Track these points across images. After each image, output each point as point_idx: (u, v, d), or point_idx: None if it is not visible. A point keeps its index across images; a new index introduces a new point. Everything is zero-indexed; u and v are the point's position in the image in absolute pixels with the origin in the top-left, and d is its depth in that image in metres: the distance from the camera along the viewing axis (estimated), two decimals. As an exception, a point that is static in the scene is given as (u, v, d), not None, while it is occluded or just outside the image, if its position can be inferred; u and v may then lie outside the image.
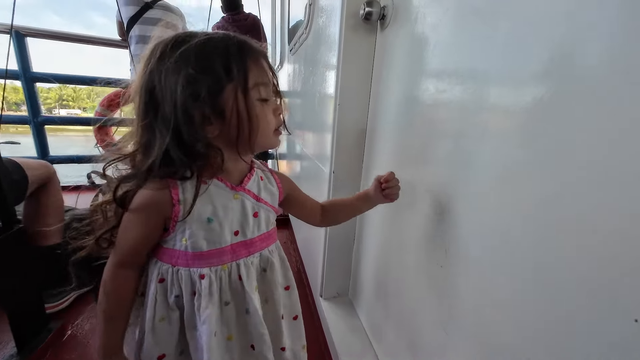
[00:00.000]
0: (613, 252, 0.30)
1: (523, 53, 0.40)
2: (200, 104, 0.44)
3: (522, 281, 0.40)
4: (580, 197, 0.33)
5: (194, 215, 0.48)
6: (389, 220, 0.81)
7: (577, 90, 0.33)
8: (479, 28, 0.48)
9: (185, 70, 0.43)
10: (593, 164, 0.31)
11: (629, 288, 0.28)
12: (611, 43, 0.30)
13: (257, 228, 0.55)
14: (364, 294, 1.00)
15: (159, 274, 0.51)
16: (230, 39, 0.46)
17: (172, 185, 0.47)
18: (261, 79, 0.47)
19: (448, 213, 0.56)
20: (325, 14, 1.05)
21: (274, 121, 0.51)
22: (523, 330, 0.40)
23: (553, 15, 0.36)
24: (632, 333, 0.28)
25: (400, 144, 0.74)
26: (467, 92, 0.51)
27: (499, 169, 0.44)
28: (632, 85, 0.28)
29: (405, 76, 0.71)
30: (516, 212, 0.41)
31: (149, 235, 0.50)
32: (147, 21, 1.87)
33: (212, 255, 0.51)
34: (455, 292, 0.53)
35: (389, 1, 0.76)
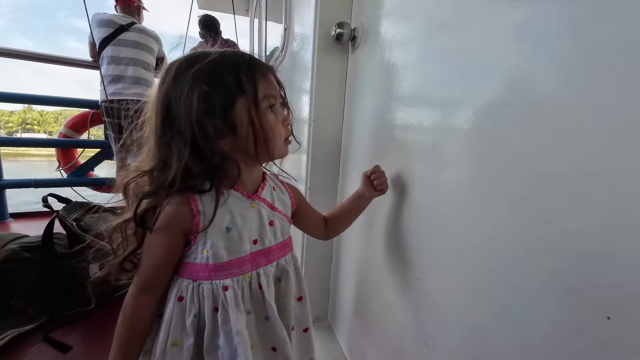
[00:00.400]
0: (581, 252, 0.30)
1: (481, 76, 0.43)
2: (214, 118, 0.46)
3: (496, 288, 0.39)
4: (543, 204, 0.33)
5: (214, 225, 0.49)
6: (365, 237, 0.80)
7: (530, 112, 0.35)
8: (441, 50, 0.51)
9: (200, 87, 0.45)
10: (550, 175, 0.33)
11: (601, 286, 0.28)
12: (565, 72, 0.32)
13: (274, 236, 0.56)
14: (343, 316, 0.95)
15: (178, 292, 0.50)
16: (240, 55, 0.49)
17: (191, 198, 0.48)
18: (270, 91, 0.49)
19: (421, 227, 0.56)
20: (300, 37, 1.09)
21: (284, 131, 0.53)
22: (504, 336, 0.38)
23: (508, 41, 0.39)
24: (605, 330, 0.27)
25: (374, 159, 0.75)
26: (432, 111, 0.53)
27: (467, 184, 0.45)
28: (577, 107, 0.30)
29: (376, 94, 0.73)
30: (485, 224, 0.41)
31: (173, 252, 0.50)
32: (121, 43, 1.85)
33: (233, 265, 0.51)
34: (433, 304, 0.52)
35: (359, 23, 0.80)
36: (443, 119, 0.51)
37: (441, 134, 0.51)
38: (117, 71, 1.83)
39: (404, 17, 0.63)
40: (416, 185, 0.58)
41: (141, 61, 1.88)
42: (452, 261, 0.47)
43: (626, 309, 0.26)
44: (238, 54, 0.50)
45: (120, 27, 1.86)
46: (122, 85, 1.82)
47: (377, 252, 0.73)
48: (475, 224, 0.43)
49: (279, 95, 0.52)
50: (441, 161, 0.51)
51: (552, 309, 0.32)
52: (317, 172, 0.93)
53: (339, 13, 0.84)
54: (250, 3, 3.19)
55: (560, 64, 0.32)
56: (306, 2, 0.97)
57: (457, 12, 0.48)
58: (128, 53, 1.84)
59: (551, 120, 0.33)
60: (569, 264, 0.31)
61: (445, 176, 0.50)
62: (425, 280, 0.54)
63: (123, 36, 1.85)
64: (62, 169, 2.35)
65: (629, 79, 0.27)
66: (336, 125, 0.91)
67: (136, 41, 1.87)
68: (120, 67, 1.83)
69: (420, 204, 0.57)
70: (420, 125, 0.57)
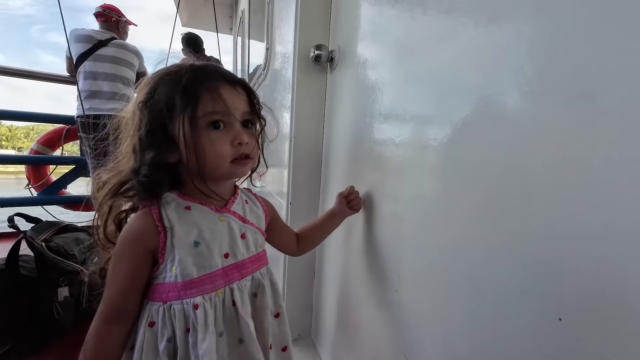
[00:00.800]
0: (536, 258, 0.33)
1: (448, 94, 0.46)
2: (155, 131, 0.47)
3: (463, 297, 0.41)
4: (502, 216, 0.36)
5: (181, 240, 0.47)
6: (346, 251, 0.81)
7: (491, 129, 0.39)
8: (409, 72, 0.55)
9: (141, 98, 0.47)
10: (508, 188, 0.36)
11: (553, 288, 0.31)
12: (522, 91, 0.36)
13: (247, 249, 0.55)
14: (326, 332, 0.94)
15: (149, 317, 0.48)
16: (191, 70, 0.48)
17: (154, 214, 0.47)
18: (213, 107, 0.47)
19: (398, 240, 0.58)
20: (281, 57, 1.13)
21: (230, 151, 0.48)
22: (472, 343, 0.40)
23: (468, 65, 0.43)
24: (557, 331, 0.30)
25: (352, 174, 0.77)
26: (402, 129, 0.57)
27: (434, 197, 0.48)
28: (541, 124, 0.34)
29: (353, 113, 0.77)
30: (453, 236, 0.44)
31: (139, 275, 0.48)
32: (99, 58, 1.83)
33: (204, 281, 0.49)
34: (410, 314, 0.53)
35: (336, 46, 0.85)
36: (412, 136, 0.54)
37: (412, 150, 0.54)
38: (94, 86, 1.80)
39: (376, 41, 0.68)
40: (390, 199, 0.60)
41: (119, 76, 1.86)
42: (424, 272, 0.49)
43: (576, 310, 0.29)
44: (190, 67, 0.48)
45: (99, 42, 1.85)
46: (99, 101, 1.79)
47: (357, 265, 0.74)
48: (444, 236, 0.45)
49: (233, 111, 0.48)
50: (411, 176, 0.54)
51: (511, 314, 0.35)
52: (298, 187, 0.94)
53: (317, 36, 0.88)
54: (234, 22, 3.26)
55: (517, 84, 0.36)
56: (287, 24, 1.01)
57: (422, 37, 0.52)
58: (105, 68, 1.82)
59: (507, 136, 0.36)
60: (525, 271, 0.33)
61: (415, 190, 0.53)
62: (402, 292, 0.55)
63: (101, 51, 1.84)
64: (31, 187, 2.24)
65: (578, 99, 0.30)
66: (316, 142, 0.94)
67: (114, 56, 1.86)
68: (97, 83, 1.81)
69: (394, 217, 0.59)
70: (392, 142, 0.60)
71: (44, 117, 2.28)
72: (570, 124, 0.30)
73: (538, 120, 0.33)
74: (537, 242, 0.32)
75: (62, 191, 2.37)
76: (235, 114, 0.48)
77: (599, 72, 0.28)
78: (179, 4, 2.21)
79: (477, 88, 0.40)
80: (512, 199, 0.35)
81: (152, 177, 0.47)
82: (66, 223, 1.44)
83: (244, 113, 0.50)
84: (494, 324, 0.37)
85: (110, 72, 1.83)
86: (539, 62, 0.33)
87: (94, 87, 1.80)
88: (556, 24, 0.31)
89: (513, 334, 0.35)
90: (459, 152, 0.43)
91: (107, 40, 1.87)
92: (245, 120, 0.51)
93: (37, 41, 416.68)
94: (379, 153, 0.65)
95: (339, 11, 0.85)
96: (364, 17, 0.73)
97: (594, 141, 0.28)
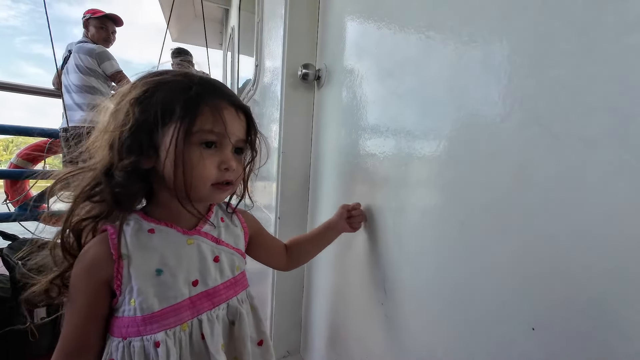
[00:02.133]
0: (514, 270, 0.34)
1: (429, 108, 0.49)
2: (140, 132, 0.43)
3: (445, 308, 0.43)
4: (483, 229, 0.38)
5: (139, 269, 0.43)
6: (335, 265, 0.81)
7: (472, 141, 0.41)
8: (394, 87, 0.58)
9: (135, 95, 0.43)
10: (489, 200, 0.38)
11: (527, 299, 0.33)
12: (501, 100, 0.39)
13: (220, 274, 0.50)
14: (315, 348, 0.93)
15: (108, 354, 0.43)
16: (198, 79, 0.46)
17: (111, 240, 0.44)
18: (212, 126, 0.44)
19: (384, 253, 0.59)
20: (270, 72, 1.15)
21: (214, 174, 0.45)
22: (456, 356, 0.41)
23: (441, 85, 0.46)
24: (531, 339, 0.31)
25: (340, 189, 0.79)
26: (386, 144, 0.59)
27: (420, 210, 0.50)
28: (521, 134, 0.36)
29: (339, 129, 0.79)
30: (437, 248, 0.46)
31: (97, 307, 0.44)
32: (67, 69, 1.80)
33: (167, 315, 0.44)
34: (396, 328, 0.54)
35: (323, 65, 0.88)
36: (396, 150, 0.56)
37: (396, 164, 0.56)
38: (67, 99, 1.78)
39: (360, 61, 0.71)
40: (377, 212, 0.62)
41: (84, 86, 1.78)
42: (408, 284, 0.51)
43: (548, 320, 0.31)
44: (200, 80, 0.46)
45: (69, 53, 1.83)
46: (72, 113, 1.76)
47: (347, 280, 0.75)
48: (424, 250, 0.47)
49: (230, 135, 0.46)
50: (396, 190, 0.55)
51: (492, 324, 0.36)
52: (287, 201, 0.95)
53: (304, 55, 0.91)
54: (224, 37, 3.31)
55: (490, 97, 0.39)
56: (275, 43, 1.04)
57: (402, 57, 0.55)
58: (70, 79, 1.79)
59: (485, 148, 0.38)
60: (504, 281, 0.35)
61: (400, 203, 0.54)
62: (388, 305, 0.56)
63: (69, 62, 1.81)
64: (9, 202, 2.15)
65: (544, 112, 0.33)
66: (304, 157, 0.95)
67: (75, 64, 1.79)
68: (68, 95, 1.78)
69: (382, 229, 0.60)
70: (377, 157, 0.62)
71: (26, 130, 2.22)
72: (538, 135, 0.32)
73: (512, 131, 0.35)
74: (519, 254, 0.34)
75: (42, 206, 2.28)
76: (230, 138, 0.46)
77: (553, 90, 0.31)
78: (169, 19, 2.23)
79: (454, 102, 0.43)
80: (494, 210, 0.37)
81: (126, 186, 0.43)
82: (46, 240, 1.39)
83: (239, 140, 0.48)
84: (472, 339, 0.38)
85: (73, 83, 1.78)
86: (509, 76, 0.36)
87: (67, 100, 1.78)
88: (521, 43, 0.34)
89: (497, 344, 0.36)
90: (433, 173, 0.46)
91: (72, 49, 1.83)
92: (238, 147, 0.49)
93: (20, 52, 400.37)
94: (365, 167, 0.67)
95: (326, 32, 0.89)
96: (349, 38, 0.76)
97: (547, 168, 0.30)
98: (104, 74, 1.84)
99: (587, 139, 0.28)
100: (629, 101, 0.25)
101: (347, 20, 0.77)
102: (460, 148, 0.41)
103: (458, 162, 0.42)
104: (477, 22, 0.40)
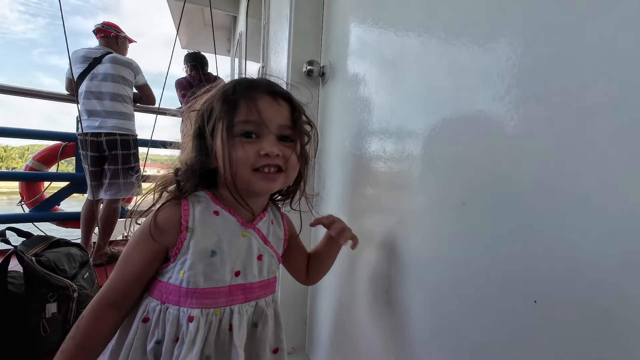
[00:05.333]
0: (512, 247, 0.35)
1: (430, 94, 0.50)
2: (197, 136, 0.49)
3: (445, 288, 0.43)
4: (479, 210, 0.39)
5: (198, 245, 0.46)
6: (340, 260, 0.81)
7: (472, 136, 0.42)
8: (395, 81, 0.59)
9: (197, 106, 0.51)
10: (485, 185, 0.38)
11: (528, 273, 0.33)
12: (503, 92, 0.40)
13: (259, 272, 0.52)
14: (321, 345, 0.93)
15: (144, 312, 0.47)
16: (237, 81, 0.49)
17: (183, 211, 0.47)
18: (247, 116, 0.46)
19: (388, 241, 0.59)
20: (275, 73, 1.18)
21: (252, 157, 0.45)
22: (458, 336, 0.41)
23: (442, 75, 0.47)
24: (533, 312, 0.31)
25: (345, 182, 0.80)
26: (391, 136, 0.60)
27: (430, 202, 0.50)
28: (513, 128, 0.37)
29: (343, 124, 0.80)
30: (439, 234, 0.46)
31: (150, 266, 0.47)
32: (95, 77, 1.85)
33: (207, 294, 0.46)
34: (400, 315, 0.54)
35: (327, 62, 0.90)
36: (399, 144, 0.57)
37: (399, 157, 0.56)
38: (92, 106, 1.83)
39: (363, 57, 0.73)
40: (380, 201, 0.62)
41: (114, 94, 1.86)
42: (411, 270, 0.51)
43: (549, 291, 0.31)
44: (239, 80, 0.50)
45: (94, 60, 1.88)
46: (97, 119, 1.82)
47: (350, 270, 0.75)
48: (431, 234, 0.47)
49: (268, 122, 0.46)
50: (401, 182, 0.56)
51: (493, 302, 0.36)
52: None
53: (309, 52, 0.94)
54: (232, 44, 3.39)
55: (490, 89, 0.39)
56: (281, 44, 1.07)
57: (401, 52, 0.56)
58: (101, 87, 1.85)
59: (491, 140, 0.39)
60: (506, 257, 0.35)
61: (405, 196, 0.55)
62: (392, 292, 0.56)
63: (97, 69, 1.86)
64: (24, 204, 2.22)
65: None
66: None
67: (108, 73, 1.86)
68: (95, 102, 1.83)
69: (385, 218, 0.61)
70: (381, 150, 0.63)
71: (41, 134, 2.30)
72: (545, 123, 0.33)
73: (510, 107, 0.36)
74: (520, 228, 0.35)
75: (55, 208, 2.34)
76: (269, 125, 0.46)
77: (551, 76, 0.31)
78: (178, 28, 2.31)
79: (453, 86, 0.44)
80: (495, 187, 0.38)
81: (183, 177, 0.49)
82: (58, 238, 1.42)
83: (281, 126, 0.48)
84: (474, 316, 0.38)
85: (105, 91, 1.85)
86: (507, 55, 0.36)
87: (92, 106, 1.83)
88: (506, 41, 0.35)
89: (499, 320, 0.36)
90: (434, 157, 0.46)
91: (101, 57, 1.89)
92: (284, 135, 0.48)
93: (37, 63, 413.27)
94: (369, 161, 0.68)
95: (330, 30, 0.91)
96: (353, 35, 0.78)
97: (546, 140, 0.31)
98: (132, 85, 1.97)
99: (586, 108, 0.28)
100: (627, 69, 0.26)
101: (351, 18, 0.79)
102: (460, 129, 0.42)
103: (458, 143, 0.42)
104: (475, 12, 0.41)
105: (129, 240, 0.48)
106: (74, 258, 1.36)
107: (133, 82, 1.98)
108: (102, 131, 1.79)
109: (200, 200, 0.49)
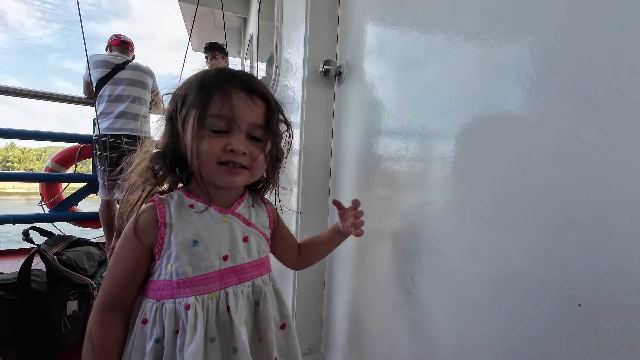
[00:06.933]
0: (549, 249, 0.33)
1: (456, 90, 0.49)
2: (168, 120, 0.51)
3: (476, 290, 0.41)
4: (512, 212, 0.37)
5: (178, 237, 0.47)
6: (357, 259, 0.81)
7: (495, 136, 0.41)
8: (416, 81, 0.58)
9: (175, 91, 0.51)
10: (517, 186, 0.37)
11: (570, 275, 0.31)
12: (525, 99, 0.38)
13: (248, 254, 0.53)
14: (337, 346, 0.92)
15: (142, 313, 0.48)
16: (215, 71, 0.50)
17: (159, 208, 0.49)
18: (219, 111, 0.46)
19: (411, 242, 0.58)
20: (290, 73, 1.18)
21: (217, 151, 0.46)
22: (489, 337, 0.40)
23: (470, 73, 0.46)
24: (577, 316, 0.30)
25: (362, 182, 0.79)
26: (412, 136, 0.59)
27: (453, 200, 0.49)
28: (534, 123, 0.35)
29: (360, 124, 0.80)
30: (466, 233, 0.44)
31: (139, 267, 0.49)
32: (118, 81, 1.97)
33: (199, 282, 0.48)
34: (425, 317, 0.53)
35: (344, 61, 0.89)
36: (419, 144, 0.56)
37: (419, 156, 0.55)
38: (114, 108, 1.93)
39: (381, 56, 0.72)
40: (401, 200, 0.61)
41: (137, 97, 1.99)
42: (438, 270, 0.49)
43: (594, 297, 0.29)
44: (217, 70, 0.50)
45: (117, 67, 1.99)
46: (120, 121, 1.91)
47: (370, 271, 0.74)
48: (457, 234, 0.46)
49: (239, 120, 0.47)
50: (421, 175, 0.55)
51: (531, 305, 0.35)
52: (308, 196, 0.95)
53: (325, 51, 0.93)
54: (242, 46, 3.42)
55: (517, 87, 0.38)
56: (296, 43, 1.07)
57: (425, 51, 0.55)
58: (124, 91, 1.96)
59: (510, 140, 0.38)
60: (546, 259, 0.34)
61: (426, 194, 0.53)
62: (416, 294, 0.55)
63: (119, 75, 1.97)
64: (44, 204, 2.28)
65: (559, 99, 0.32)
66: (326, 152, 0.96)
67: (131, 79, 1.99)
68: (118, 105, 1.93)
69: (406, 222, 0.60)
70: (400, 151, 0.62)
71: (58, 136, 2.37)
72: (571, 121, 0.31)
73: (550, 103, 0.34)
74: (561, 229, 0.33)
75: (73, 208, 2.41)
76: (240, 123, 0.46)
77: (590, 73, 0.30)
78: (191, 31, 2.34)
79: (483, 82, 0.42)
80: (522, 197, 0.36)
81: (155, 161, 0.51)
82: (77, 237, 1.46)
83: (253, 125, 0.48)
84: (509, 319, 0.37)
85: (129, 94, 1.97)
86: (543, 50, 0.35)
87: (114, 109, 1.93)
88: (545, 35, 0.34)
89: (534, 326, 0.34)
90: (465, 155, 0.45)
91: (123, 64, 2.02)
92: (254, 135, 0.49)
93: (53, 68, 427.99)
94: (386, 160, 0.67)
95: (346, 28, 0.90)
96: (369, 34, 0.77)
97: (591, 137, 0.29)
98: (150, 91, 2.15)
99: (634, 103, 0.27)
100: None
101: (369, 16, 0.78)
102: (494, 127, 0.41)
103: (492, 141, 0.41)
104: (507, 2, 0.39)
105: (115, 246, 0.49)
106: (93, 257, 1.39)
107: (151, 87, 2.13)
108: (123, 133, 1.87)
109: (174, 197, 0.51)
